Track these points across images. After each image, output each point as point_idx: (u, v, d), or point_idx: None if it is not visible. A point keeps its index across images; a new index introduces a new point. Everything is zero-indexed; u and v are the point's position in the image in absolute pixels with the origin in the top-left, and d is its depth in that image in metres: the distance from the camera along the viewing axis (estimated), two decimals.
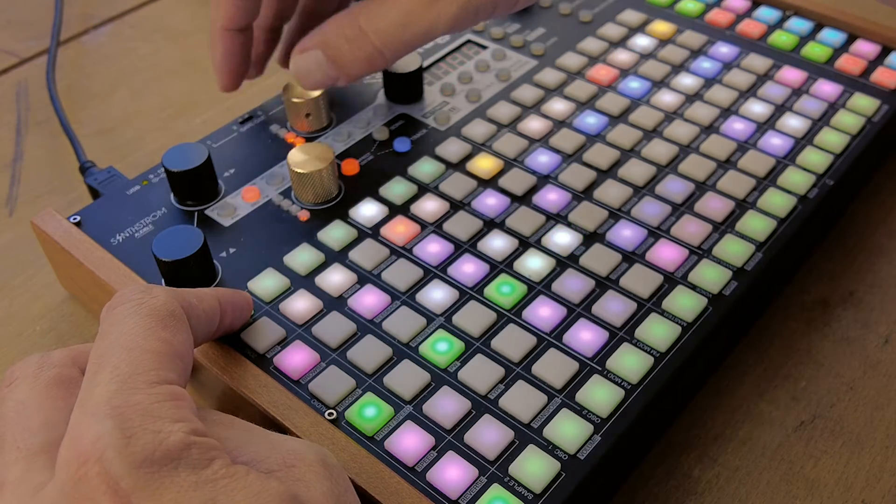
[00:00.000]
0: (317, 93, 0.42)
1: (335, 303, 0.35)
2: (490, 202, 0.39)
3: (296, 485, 0.23)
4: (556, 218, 0.39)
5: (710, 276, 0.36)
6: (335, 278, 0.36)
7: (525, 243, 0.38)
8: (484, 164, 0.41)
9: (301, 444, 0.25)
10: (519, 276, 0.36)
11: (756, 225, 0.38)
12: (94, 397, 0.23)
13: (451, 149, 0.42)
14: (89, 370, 0.24)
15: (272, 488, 0.22)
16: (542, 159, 0.41)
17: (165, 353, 0.25)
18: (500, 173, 0.41)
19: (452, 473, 0.29)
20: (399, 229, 0.38)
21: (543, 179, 0.41)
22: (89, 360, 0.25)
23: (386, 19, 0.31)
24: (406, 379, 0.32)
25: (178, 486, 0.21)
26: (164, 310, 0.26)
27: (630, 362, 0.32)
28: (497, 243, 0.37)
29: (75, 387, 0.26)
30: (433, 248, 0.37)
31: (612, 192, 0.39)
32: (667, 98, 0.45)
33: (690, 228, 0.38)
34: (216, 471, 0.22)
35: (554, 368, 0.32)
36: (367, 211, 0.39)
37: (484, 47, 0.49)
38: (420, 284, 0.36)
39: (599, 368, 0.33)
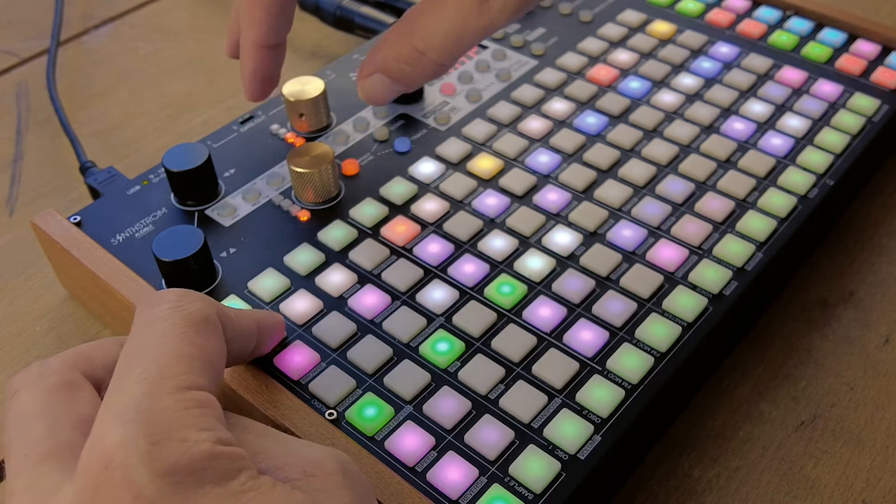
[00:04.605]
0: (315, 93, 0.42)
1: (335, 303, 0.35)
2: (490, 202, 0.39)
3: (317, 495, 0.23)
4: (556, 218, 0.39)
5: (711, 276, 0.36)
6: (335, 278, 0.36)
7: (525, 243, 0.38)
8: (484, 164, 0.41)
9: (320, 452, 0.25)
10: (519, 276, 0.36)
11: (756, 225, 0.38)
12: (120, 399, 0.23)
13: (452, 149, 0.42)
14: (118, 370, 0.24)
15: (298, 501, 0.22)
16: (543, 159, 0.41)
17: (197, 357, 0.24)
18: (501, 173, 0.41)
19: (453, 473, 0.29)
20: (399, 229, 0.38)
21: (544, 179, 0.41)
22: (119, 360, 0.24)
23: (440, 35, 0.31)
24: (406, 379, 0.32)
25: (202, 498, 0.21)
26: (200, 315, 0.26)
27: (630, 362, 0.32)
28: (497, 243, 0.37)
29: (77, 390, 0.26)
30: (433, 248, 0.37)
31: (612, 192, 0.39)
32: (667, 98, 0.45)
33: (690, 228, 0.38)
34: (242, 483, 0.22)
35: (554, 368, 0.32)
36: (368, 210, 0.39)
37: (484, 47, 0.49)
38: (420, 284, 0.36)
39: (600, 368, 0.33)
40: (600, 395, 0.31)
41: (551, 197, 0.39)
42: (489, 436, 0.30)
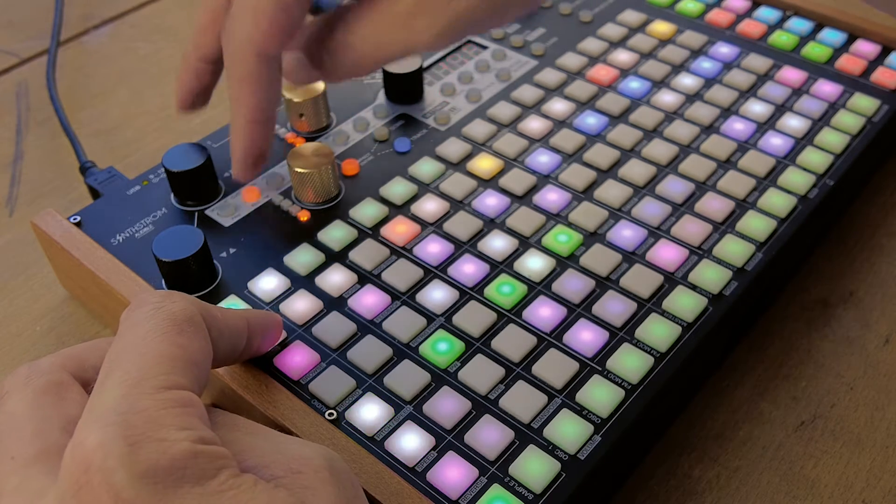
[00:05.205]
0: (315, 93, 0.42)
1: (335, 303, 0.35)
2: (490, 202, 0.39)
3: (303, 492, 0.23)
4: (556, 218, 0.39)
5: (711, 276, 0.36)
6: (335, 278, 0.36)
7: (525, 243, 0.38)
8: (484, 164, 0.41)
9: (307, 448, 0.25)
10: (519, 276, 0.36)
11: (756, 225, 0.38)
12: (101, 402, 0.23)
13: (452, 149, 0.42)
14: (101, 374, 0.24)
15: (281, 499, 0.22)
16: (543, 159, 0.41)
17: (179, 357, 0.24)
18: (501, 173, 0.41)
19: (453, 474, 0.29)
20: (399, 229, 0.38)
21: (544, 179, 0.41)
22: (103, 364, 0.24)
23: (359, 37, 0.30)
24: (406, 379, 0.32)
25: (181, 498, 0.21)
26: (182, 315, 0.26)
27: (630, 362, 0.32)
28: (497, 243, 0.37)
29: (66, 392, 0.26)
30: (433, 248, 0.37)
31: (612, 192, 0.39)
32: (667, 98, 0.45)
33: (690, 228, 0.38)
34: (223, 482, 0.22)
35: (554, 368, 0.32)
36: (368, 210, 0.39)
37: (484, 47, 0.49)
38: (420, 284, 0.36)
39: (599, 368, 0.33)
40: (600, 396, 0.31)
41: (551, 197, 0.39)
42: (489, 436, 0.30)
